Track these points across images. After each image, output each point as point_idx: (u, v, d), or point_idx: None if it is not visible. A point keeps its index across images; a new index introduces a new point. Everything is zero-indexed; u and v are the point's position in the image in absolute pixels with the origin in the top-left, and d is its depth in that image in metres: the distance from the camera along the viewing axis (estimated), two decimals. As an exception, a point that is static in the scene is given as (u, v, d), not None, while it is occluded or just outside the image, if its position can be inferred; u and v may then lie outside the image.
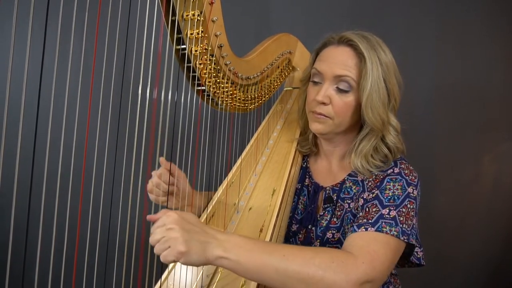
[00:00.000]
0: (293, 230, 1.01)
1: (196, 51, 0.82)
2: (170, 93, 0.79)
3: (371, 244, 0.76)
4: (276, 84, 1.18)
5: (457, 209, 1.79)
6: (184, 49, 0.81)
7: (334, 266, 0.68)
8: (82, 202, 0.65)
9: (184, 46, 0.80)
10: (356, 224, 0.81)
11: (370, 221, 0.80)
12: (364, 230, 0.79)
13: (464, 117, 1.74)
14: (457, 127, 1.75)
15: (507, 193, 1.78)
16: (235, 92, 1.00)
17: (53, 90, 0.56)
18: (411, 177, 0.88)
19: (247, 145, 1.13)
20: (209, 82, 0.89)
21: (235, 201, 0.98)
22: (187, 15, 0.78)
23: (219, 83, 0.92)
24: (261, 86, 1.11)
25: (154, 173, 0.92)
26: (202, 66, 0.85)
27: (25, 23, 0.50)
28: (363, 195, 0.90)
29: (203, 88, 0.89)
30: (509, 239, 1.78)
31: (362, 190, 0.93)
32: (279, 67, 1.19)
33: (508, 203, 1.78)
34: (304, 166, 1.09)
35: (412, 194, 0.85)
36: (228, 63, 0.91)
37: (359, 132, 0.95)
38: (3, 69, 1.43)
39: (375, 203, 0.84)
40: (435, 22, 1.71)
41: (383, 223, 0.79)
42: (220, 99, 0.95)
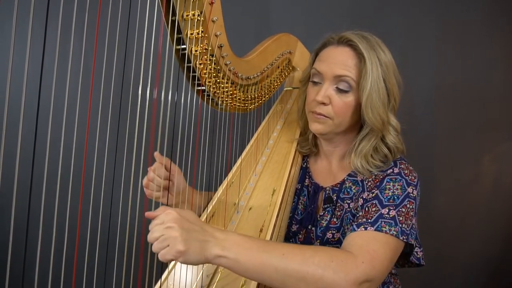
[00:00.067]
0: (293, 230, 1.01)
1: (196, 51, 0.82)
2: (170, 93, 0.79)
3: (370, 243, 0.76)
4: (276, 84, 1.18)
5: (457, 209, 1.79)
6: (184, 49, 0.81)
7: (333, 265, 0.68)
8: (82, 202, 0.65)
9: (184, 46, 0.80)
10: (355, 223, 0.82)
11: (369, 220, 0.80)
12: (363, 229, 0.79)
13: (464, 117, 1.74)
14: (457, 127, 1.75)
15: (507, 193, 1.78)
16: (235, 92, 1.00)
17: (53, 90, 0.56)
18: (410, 177, 0.88)
19: (247, 145, 1.13)
20: (209, 82, 0.89)
21: (235, 201, 0.98)
22: (187, 15, 0.78)
23: (219, 83, 0.92)
24: (261, 86, 1.11)
25: (149, 168, 0.92)
26: (202, 66, 0.85)
27: (25, 23, 0.50)
28: (362, 195, 0.90)
29: (203, 88, 0.89)
30: (509, 239, 1.78)
31: (361, 190, 0.93)
32: (279, 67, 1.19)
33: (508, 203, 1.78)
34: (304, 166, 1.09)
35: (411, 194, 0.85)
36: (228, 63, 0.91)
37: (359, 132, 0.95)
38: (3, 69, 1.43)
39: (374, 203, 0.84)
40: (435, 22, 1.71)
41: (383, 223, 0.79)
42: (220, 99, 0.95)
